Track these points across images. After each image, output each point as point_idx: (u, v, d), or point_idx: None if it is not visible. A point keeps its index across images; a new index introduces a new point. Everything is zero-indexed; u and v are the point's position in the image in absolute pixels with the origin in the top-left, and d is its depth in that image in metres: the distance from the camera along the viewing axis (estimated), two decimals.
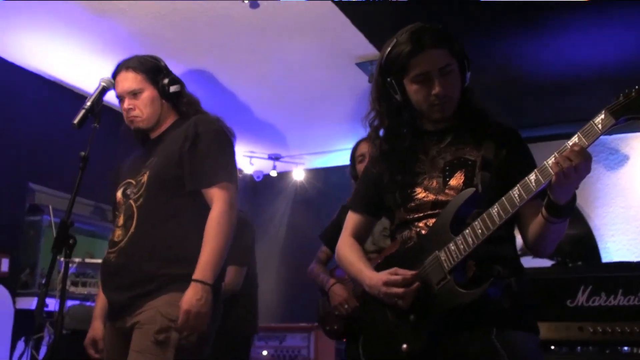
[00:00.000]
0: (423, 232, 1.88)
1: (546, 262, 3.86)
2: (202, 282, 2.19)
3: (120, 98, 2.51)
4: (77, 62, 4.52)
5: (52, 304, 3.66)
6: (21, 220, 4.40)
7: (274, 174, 6.49)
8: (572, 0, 3.61)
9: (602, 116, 1.57)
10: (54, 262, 2.21)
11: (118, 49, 4.27)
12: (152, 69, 2.52)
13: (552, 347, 3.01)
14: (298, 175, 6.58)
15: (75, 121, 2.35)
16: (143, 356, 2.19)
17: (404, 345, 1.79)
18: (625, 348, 3.01)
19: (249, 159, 6.35)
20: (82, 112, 2.35)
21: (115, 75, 2.53)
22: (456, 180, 1.88)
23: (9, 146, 4.36)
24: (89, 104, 2.37)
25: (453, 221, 1.79)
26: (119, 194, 2.50)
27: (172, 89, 2.52)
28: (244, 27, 4.09)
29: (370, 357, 1.92)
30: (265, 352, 4.68)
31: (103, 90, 2.43)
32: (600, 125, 1.57)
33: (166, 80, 2.52)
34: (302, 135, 5.99)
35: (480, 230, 1.71)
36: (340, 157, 6.33)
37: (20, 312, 4.21)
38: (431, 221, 1.87)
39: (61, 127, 2.41)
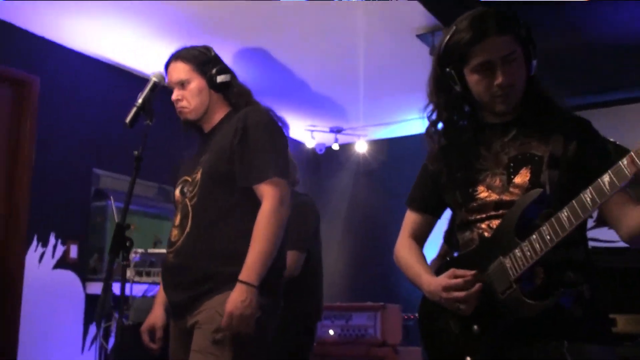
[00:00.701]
0: (486, 234, 1.76)
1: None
2: (248, 283, 2.15)
3: (172, 89, 2.48)
4: (136, 45, 4.52)
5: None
6: (88, 207, 4.48)
7: (336, 147, 6.40)
8: None
9: None
10: (111, 264, 2.20)
11: (175, 31, 4.24)
12: (200, 59, 2.46)
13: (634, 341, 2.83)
14: (361, 147, 6.47)
15: (127, 120, 2.32)
16: (203, 356, 2.19)
17: (468, 358, 1.69)
18: None
19: (311, 132, 6.27)
20: (134, 110, 2.32)
21: (166, 66, 2.50)
22: (521, 177, 1.75)
23: (73, 132, 4.42)
24: (140, 101, 2.34)
25: (518, 224, 1.67)
26: (177, 192, 2.48)
27: (220, 78, 2.45)
28: (301, 2, 3.98)
29: None
30: (331, 331, 4.65)
31: (154, 87, 2.39)
32: None
33: (214, 70, 2.45)
34: (364, 108, 5.88)
35: (548, 237, 1.58)
36: (403, 128, 6.19)
37: (90, 297, 4.31)
38: (495, 223, 1.75)
39: (123, 110, 2.40)
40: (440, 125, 1.93)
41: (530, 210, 1.67)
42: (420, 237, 2.01)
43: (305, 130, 6.26)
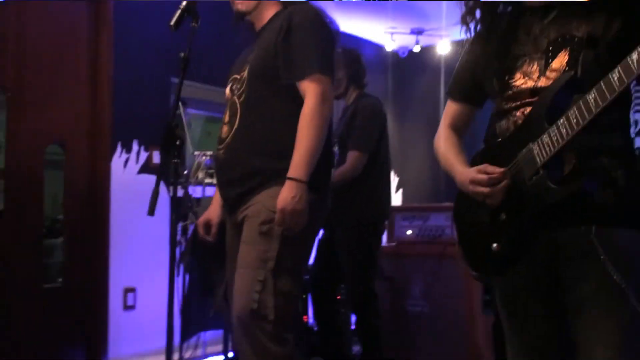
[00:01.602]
0: (520, 122, 1.71)
1: None
2: (297, 179, 2.20)
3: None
4: None
5: (193, 192, 3.91)
6: (167, 114, 4.63)
7: (417, 49, 6.24)
8: None
9: None
10: (164, 162, 2.33)
11: None
12: None
13: None
14: (443, 48, 6.27)
15: (172, 23, 2.37)
16: (250, 247, 2.30)
17: (494, 245, 1.69)
18: None
19: (390, 35, 6.13)
20: (178, 12, 2.37)
21: None
22: (559, 61, 1.66)
23: (150, 42, 4.50)
24: (184, 3, 2.38)
25: (549, 110, 1.60)
26: (227, 90, 2.53)
27: None
28: None
29: (465, 254, 1.84)
30: (409, 232, 4.68)
31: None
32: None
33: None
34: (447, 6, 5.65)
35: (575, 120, 1.51)
36: None
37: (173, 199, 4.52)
38: (529, 110, 1.69)
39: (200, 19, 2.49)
40: (477, 13, 1.86)
41: (562, 95, 1.60)
42: (460, 127, 1.98)
43: (385, 33, 6.12)
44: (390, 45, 6.26)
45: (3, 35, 3.81)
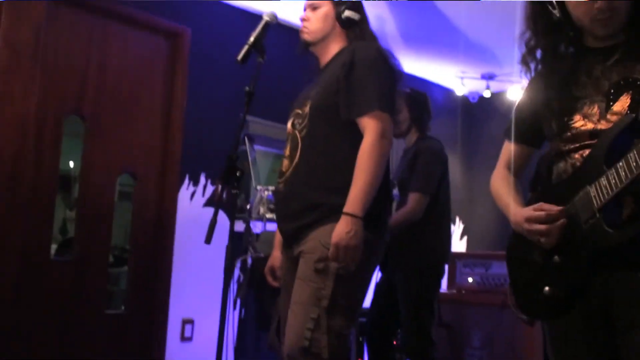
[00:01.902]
0: (578, 164, 1.68)
1: None
2: (352, 215, 2.20)
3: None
4: None
5: (254, 227, 3.96)
6: (236, 150, 4.71)
7: (487, 94, 6.19)
8: None
9: None
10: (223, 192, 2.37)
11: None
12: None
13: None
14: (514, 94, 6.20)
15: (239, 57, 2.44)
16: (305, 284, 2.29)
17: (547, 288, 1.64)
18: None
19: (461, 79, 6.12)
20: (245, 48, 2.44)
21: None
22: (621, 104, 1.63)
23: (223, 78, 4.65)
24: (252, 39, 2.46)
25: (608, 153, 1.57)
26: (289, 124, 2.58)
27: (347, 13, 2.50)
28: None
29: (516, 296, 1.80)
30: (470, 279, 4.59)
31: (266, 26, 2.49)
32: None
33: (346, 5, 2.50)
34: (517, 50, 5.59)
35: (634, 163, 1.47)
36: None
37: (236, 234, 4.57)
38: (587, 152, 1.66)
39: (270, 58, 2.55)
40: (538, 53, 1.85)
41: (622, 138, 1.56)
42: (516, 168, 1.96)
43: (455, 77, 6.11)
44: (460, 90, 6.24)
45: (86, 66, 4.01)
